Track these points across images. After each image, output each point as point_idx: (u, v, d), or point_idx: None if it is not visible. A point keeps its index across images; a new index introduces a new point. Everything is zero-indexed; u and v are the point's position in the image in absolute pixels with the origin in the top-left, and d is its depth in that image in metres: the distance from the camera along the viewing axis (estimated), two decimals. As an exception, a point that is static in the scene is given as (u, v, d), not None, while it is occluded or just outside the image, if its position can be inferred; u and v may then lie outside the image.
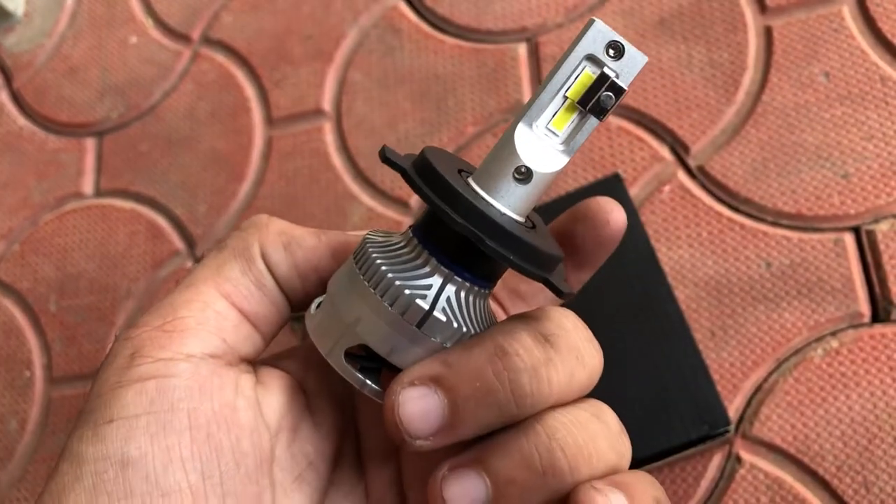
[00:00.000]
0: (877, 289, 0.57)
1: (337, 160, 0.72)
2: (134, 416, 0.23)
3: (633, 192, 0.63)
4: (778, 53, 0.65)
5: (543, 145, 0.23)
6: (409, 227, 0.25)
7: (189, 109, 0.79)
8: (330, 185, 0.71)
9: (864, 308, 0.57)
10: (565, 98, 0.23)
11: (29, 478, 0.69)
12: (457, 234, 0.23)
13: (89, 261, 0.76)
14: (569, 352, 0.24)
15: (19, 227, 0.79)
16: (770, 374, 0.57)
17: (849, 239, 0.59)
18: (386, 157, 0.24)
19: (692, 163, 0.64)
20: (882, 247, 0.58)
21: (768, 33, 0.66)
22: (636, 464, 0.53)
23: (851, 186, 0.60)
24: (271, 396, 0.26)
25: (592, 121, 0.23)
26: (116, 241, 0.76)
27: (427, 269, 0.23)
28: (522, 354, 0.23)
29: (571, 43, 0.23)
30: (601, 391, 0.56)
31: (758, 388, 0.57)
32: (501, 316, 0.29)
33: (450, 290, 0.23)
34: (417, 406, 0.23)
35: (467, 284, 0.24)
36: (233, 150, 0.76)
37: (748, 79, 0.65)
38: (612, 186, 0.60)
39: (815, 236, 0.59)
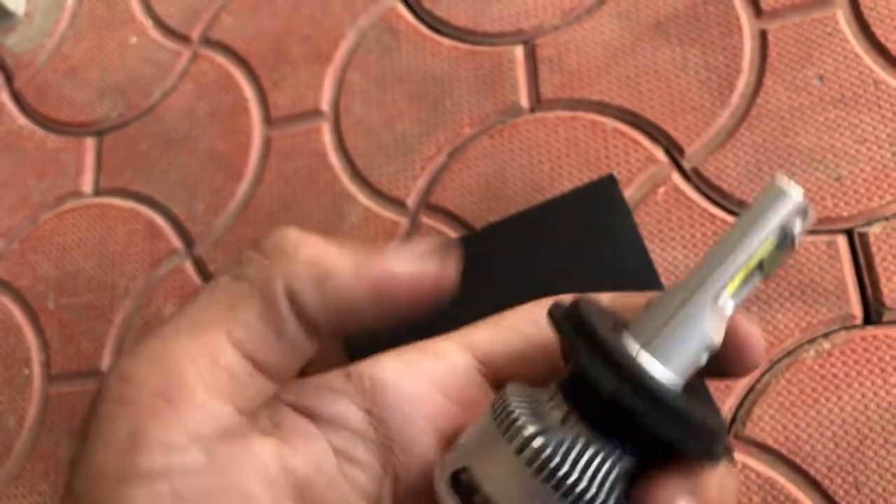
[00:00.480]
0: (869, 291, 0.57)
1: (335, 160, 0.73)
2: None
3: (628, 193, 0.64)
4: (772, 56, 0.65)
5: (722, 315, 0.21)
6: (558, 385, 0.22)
7: (188, 109, 0.79)
8: (328, 185, 0.72)
9: (857, 310, 0.57)
10: (748, 265, 0.21)
11: (26, 475, 0.70)
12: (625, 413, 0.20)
13: (88, 259, 0.76)
14: None
15: (19, 226, 0.80)
16: (763, 375, 0.57)
17: (841, 241, 0.59)
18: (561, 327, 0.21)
19: (687, 165, 0.64)
20: (874, 249, 0.58)
21: (763, 37, 0.66)
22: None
23: (844, 189, 0.60)
24: (297, 458, 0.22)
25: (759, 276, 0.22)
26: (115, 239, 0.76)
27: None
28: None
29: (756, 207, 0.21)
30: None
31: (750, 389, 0.57)
32: None
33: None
34: None
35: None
36: (231, 149, 0.76)
37: (743, 81, 0.65)
38: (606, 188, 0.60)
39: (808, 238, 0.60)
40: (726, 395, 0.57)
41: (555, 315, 0.22)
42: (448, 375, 0.24)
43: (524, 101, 0.70)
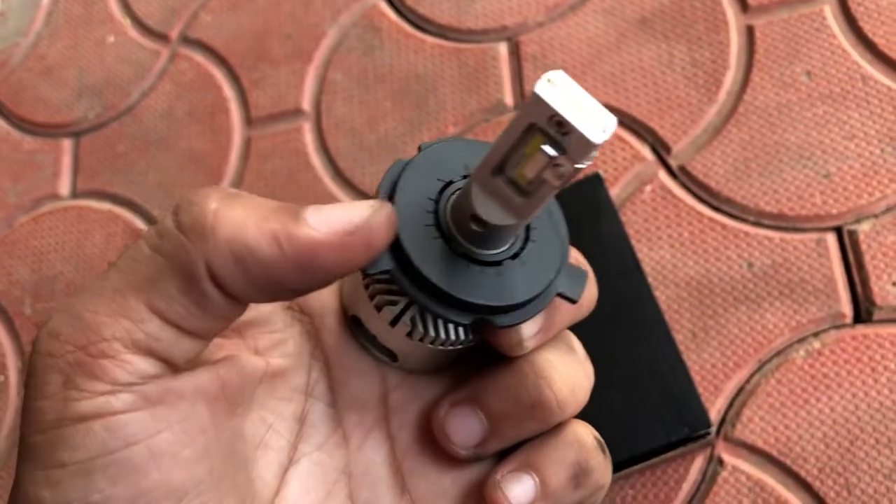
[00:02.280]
0: (859, 289, 0.57)
1: (316, 160, 0.71)
2: (88, 459, 0.21)
3: (615, 192, 0.63)
4: (760, 52, 0.64)
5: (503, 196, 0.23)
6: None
7: (167, 109, 0.78)
8: (309, 186, 0.70)
9: (847, 309, 0.57)
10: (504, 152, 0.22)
11: (3, 483, 0.68)
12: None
13: (66, 263, 0.75)
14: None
15: (-6, 229, 0.78)
16: (752, 375, 0.56)
17: (831, 239, 0.58)
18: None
19: (673, 162, 0.63)
20: (864, 247, 0.57)
21: (750, 32, 0.65)
22: (616, 467, 0.53)
23: (833, 186, 0.59)
24: (223, 373, 0.24)
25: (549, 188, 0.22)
26: (93, 242, 0.75)
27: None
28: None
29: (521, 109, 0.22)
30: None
31: (740, 390, 0.56)
32: None
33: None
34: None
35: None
36: (211, 150, 0.75)
37: (730, 78, 0.64)
38: (593, 186, 0.59)
39: (797, 236, 0.59)
40: (715, 397, 0.56)
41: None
42: None
43: (508, 99, 0.69)
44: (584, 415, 0.56)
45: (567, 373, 0.26)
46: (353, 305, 0.27)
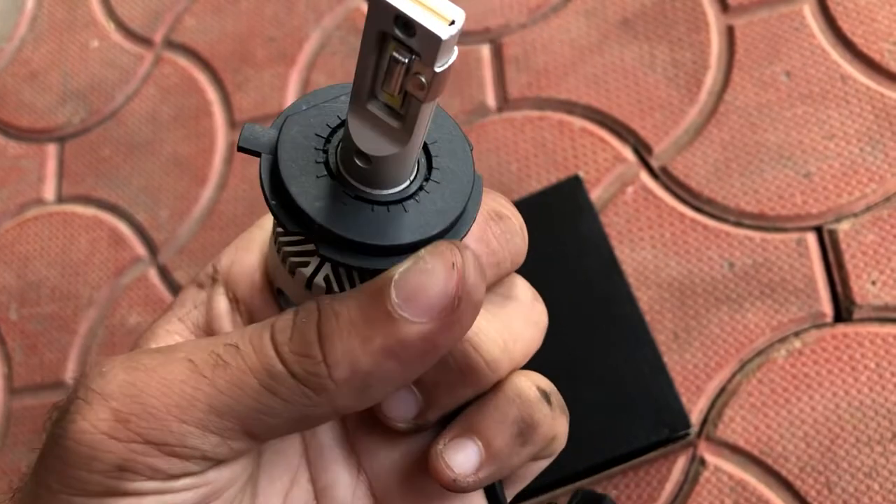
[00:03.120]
0: (839, 288, 0.57)
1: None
2: None
3: (597, 193, 0.63)
4: (740, 53, 0.65)
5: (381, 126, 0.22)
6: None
7: (151, 113, 0.78)
8: (293, 189, 0.70)
9: (827, 308, 0.57)
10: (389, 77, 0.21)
11: (-11, 490, 0.68)
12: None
13: (50, 268, 0.75)
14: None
15: (-21, 235, 0.78)
16: (734, 375, 0.57)
17: (811, 238, 0.58)
18: (241, 147, 0.22)
19: (655, 163, 0.63)
20: (844, 246, 0.58)
21: (730, 32, 0.66)
22: (598, 468, 0.53)
23: (813, 186, 0.60)
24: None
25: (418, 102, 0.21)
26: (78, 248, 0.75)
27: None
28: None
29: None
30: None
31: (721, 390, 0.56)
32: None
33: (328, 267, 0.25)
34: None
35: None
36: (195, 153, 0.75)
37: (710, 78, 0.65)
38: (572, 188, 0.59)
39: (778, 236, 0.59)
40: (697, 397, 0.56)
41: (244, 144, 0.23)
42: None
43: (491, 101, 0.69)
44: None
45: (496, 329, 0.25)
46: (275, 276, 0.27)
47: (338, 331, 0.21)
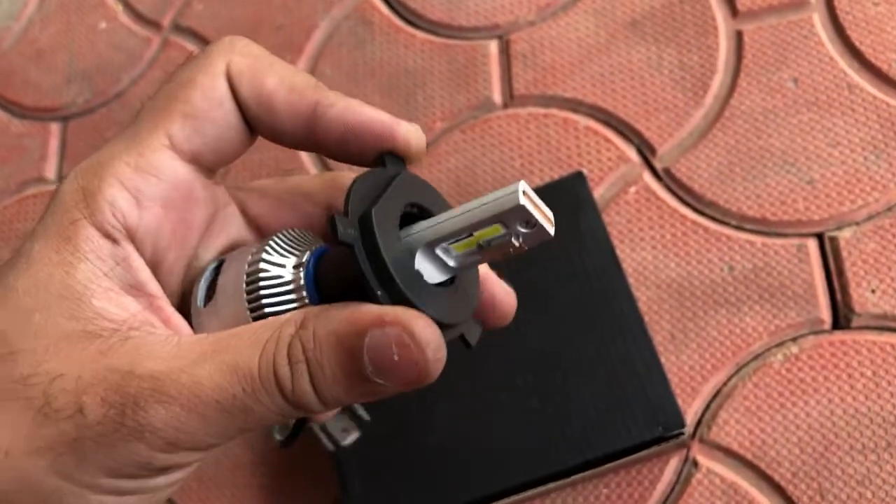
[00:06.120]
0: (838, 296, 0.57)
1: (304, 152, 0.71)
2: None
3: (599, 192, 0.63)
4: (748, 58, 0.65)
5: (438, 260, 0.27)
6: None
7: (156, 97, 0.78)
8: (295, 177, 0.70)
9: (825, 315, 0.57)
10: (471, 235, 0.26)
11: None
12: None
13: (49, 247, 0.75)
14: None
15: (-22, 211, 0.78)
16: (729, 378, 0.56)
17: (812, 245, 0.58)
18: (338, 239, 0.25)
19: (658, 165, 0.63)
20: (844, 254, 0.58)
21: (739, 37, 0.66)
22: (590, 465, 0.53)
23: (816, 192, 0.60)
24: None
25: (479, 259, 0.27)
26: (77, 227, 0.75)
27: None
28: None
29: (492, 196, 0.25)
30: (555, 390, 0.55)
31: (717, 392, 0.56)
32: None
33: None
34: None
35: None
36: (198, 139, 0.75)
37: (717, 82, 0.65)
38: (575, 184, 0.59)
39: (779, 241, 0.59)
40: (693, 398, 0.56)
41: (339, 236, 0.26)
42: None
43: (497, 97, 0.69)
44: (559, 413, 0.56)
45: None
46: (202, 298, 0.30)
47: (326, 387, 0.25)
